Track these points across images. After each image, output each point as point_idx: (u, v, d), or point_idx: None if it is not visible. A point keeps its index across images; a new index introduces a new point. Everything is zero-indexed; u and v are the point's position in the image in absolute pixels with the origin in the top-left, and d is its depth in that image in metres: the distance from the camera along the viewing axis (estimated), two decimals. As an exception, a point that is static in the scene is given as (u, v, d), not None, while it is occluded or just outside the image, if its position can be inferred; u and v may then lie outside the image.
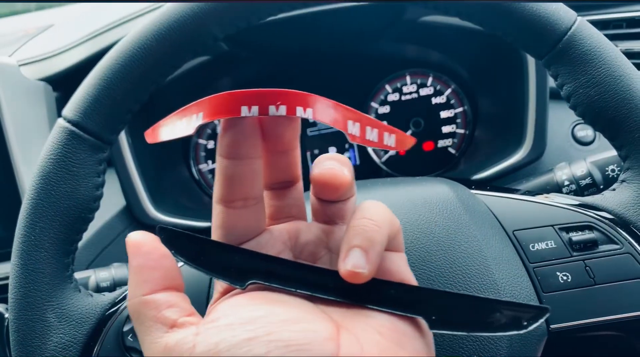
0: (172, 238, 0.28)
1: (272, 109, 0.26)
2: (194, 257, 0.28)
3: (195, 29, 0.40)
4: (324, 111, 0.27)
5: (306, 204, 0.33)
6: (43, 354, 0.38)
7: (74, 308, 0.39)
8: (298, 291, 0.28)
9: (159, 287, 0.27)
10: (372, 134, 0.29)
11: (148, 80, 0.40)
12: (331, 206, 0.31)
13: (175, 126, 0.28)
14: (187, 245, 0.28)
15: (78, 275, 0.52)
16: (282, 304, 0.26)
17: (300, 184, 0.33)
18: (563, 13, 0.40)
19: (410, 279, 0.29)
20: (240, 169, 0.28)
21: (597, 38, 0.40)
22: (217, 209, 0.30)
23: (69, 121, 0.40)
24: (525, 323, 0.26)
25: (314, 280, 0.28)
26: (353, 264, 0.26)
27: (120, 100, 0.40)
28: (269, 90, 0.26)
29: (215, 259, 0.28)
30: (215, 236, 0.30)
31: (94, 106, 0.39)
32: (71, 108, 0.40)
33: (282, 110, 0.26)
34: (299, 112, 0.27)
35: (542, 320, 0.26)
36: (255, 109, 0.26)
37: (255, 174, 0.29)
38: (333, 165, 0.28)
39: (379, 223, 0.27)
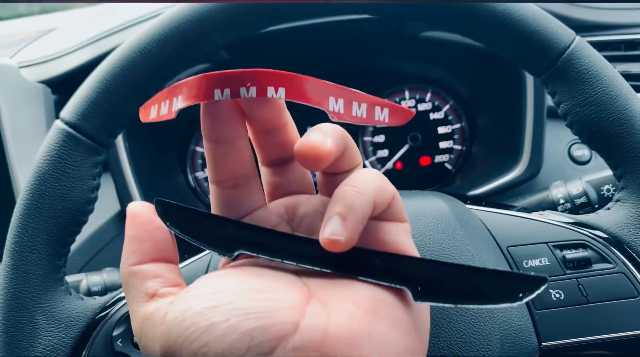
0: (168, 210, 0.28)
1: (243, 91, 0.26)
2: (187, 229, 0.28)
3: (197, 34, 0.40)
4: (298, 90, 0.26)
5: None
6: (31, 355, 0.37)
7: (63, 311, 0.39)
8: (284, 261, 0.27)
9: (147, 258, 0.27)
10: (359, 110, 0.27)
11: (147, 84, 0.41)
12: (334, 177, 0.29)
13: (161, 108, 0.28)
14: (180, 217, 0.28)
15: (70, 278, 0.52)
16: (259, 276, 0.26)
17: None
18: (562, 31, 0.41)
19: (410, 251, 0.28)
20: (223, 151, 0.29)
21: (595, 57, 0.41)
22: (211, 189, 0.31)
23: (66, 123, 0.40)
24: (521, 295, 0.24)
25: (299, 250, 0.27)
26: (330, 231, 0.25)
27: (118, 103, 0.40)
28: (237, 72, 0.25)
29: (206, 230, 0.28)
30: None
31: (92, 109, 0.40)
32: (69, 110, 0.40)
33: (253, 91, 0.25)
34: (270, 92, 0.25)
35: (538, 292, 0.24)
36: (227, 92, 0.26)
37: (239, 155, 0.29)
38: (315, 137, 0.26)
39: (361, 190, 0.26)
